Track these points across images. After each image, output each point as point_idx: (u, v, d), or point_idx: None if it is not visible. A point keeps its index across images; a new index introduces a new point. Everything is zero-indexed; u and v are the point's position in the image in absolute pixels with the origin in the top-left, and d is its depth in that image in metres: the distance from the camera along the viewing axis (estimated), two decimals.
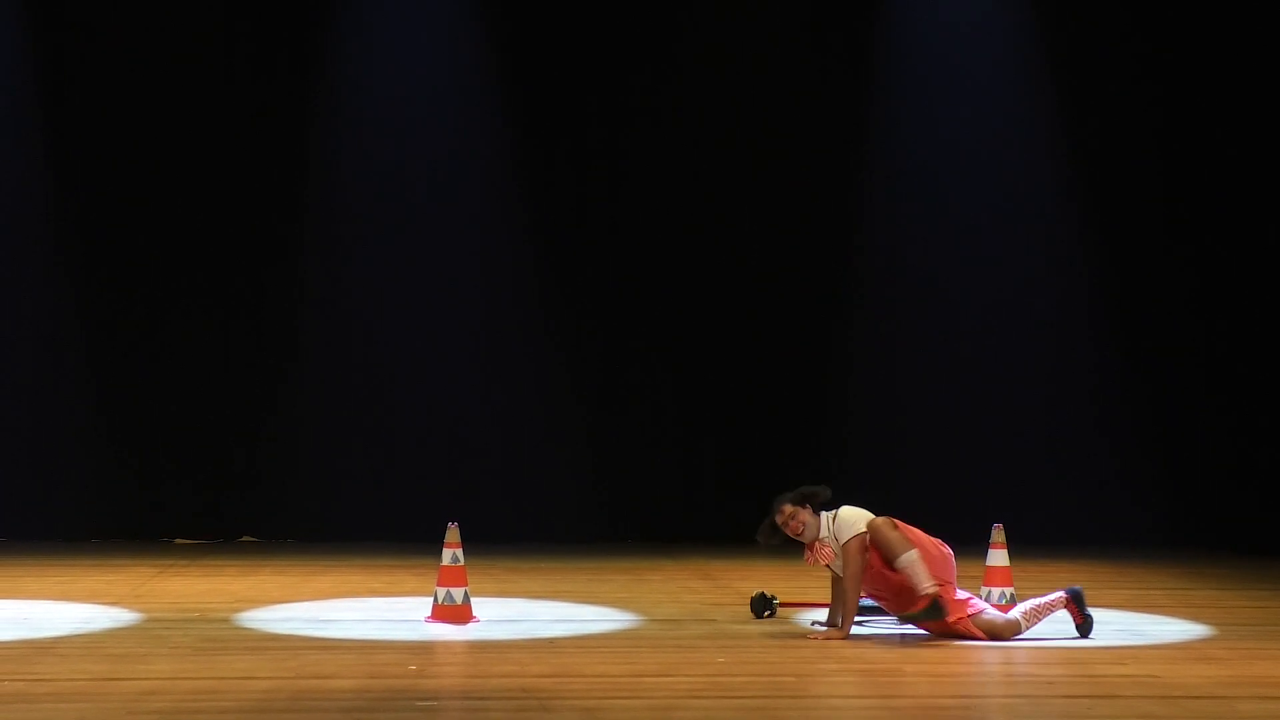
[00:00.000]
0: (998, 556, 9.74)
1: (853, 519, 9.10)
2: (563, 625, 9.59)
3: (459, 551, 9.49)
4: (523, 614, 9.98)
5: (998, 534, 9.79)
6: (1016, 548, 9.87)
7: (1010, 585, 9.71)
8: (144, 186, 14.12)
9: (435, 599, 9.51)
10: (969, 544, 10.37)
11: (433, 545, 9.67)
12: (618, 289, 14.51)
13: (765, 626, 9.52)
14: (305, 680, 7.70)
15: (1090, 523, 14.33)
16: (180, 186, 14.16)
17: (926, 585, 8.86)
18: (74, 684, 7.75)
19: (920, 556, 8.91)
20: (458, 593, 9.49)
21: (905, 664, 8.39)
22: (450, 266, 14.47)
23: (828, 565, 9.16)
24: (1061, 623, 9.11)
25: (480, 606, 9.71)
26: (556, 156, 14.55)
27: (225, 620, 9.55)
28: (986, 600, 9.51)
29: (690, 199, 14.51)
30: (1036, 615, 9.06)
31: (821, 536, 9.14)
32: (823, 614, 9.38)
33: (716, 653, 8.65)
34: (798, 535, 9.15)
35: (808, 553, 9.19)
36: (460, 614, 9.46)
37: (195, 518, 14.10)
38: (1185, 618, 9.98)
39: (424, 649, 8.82)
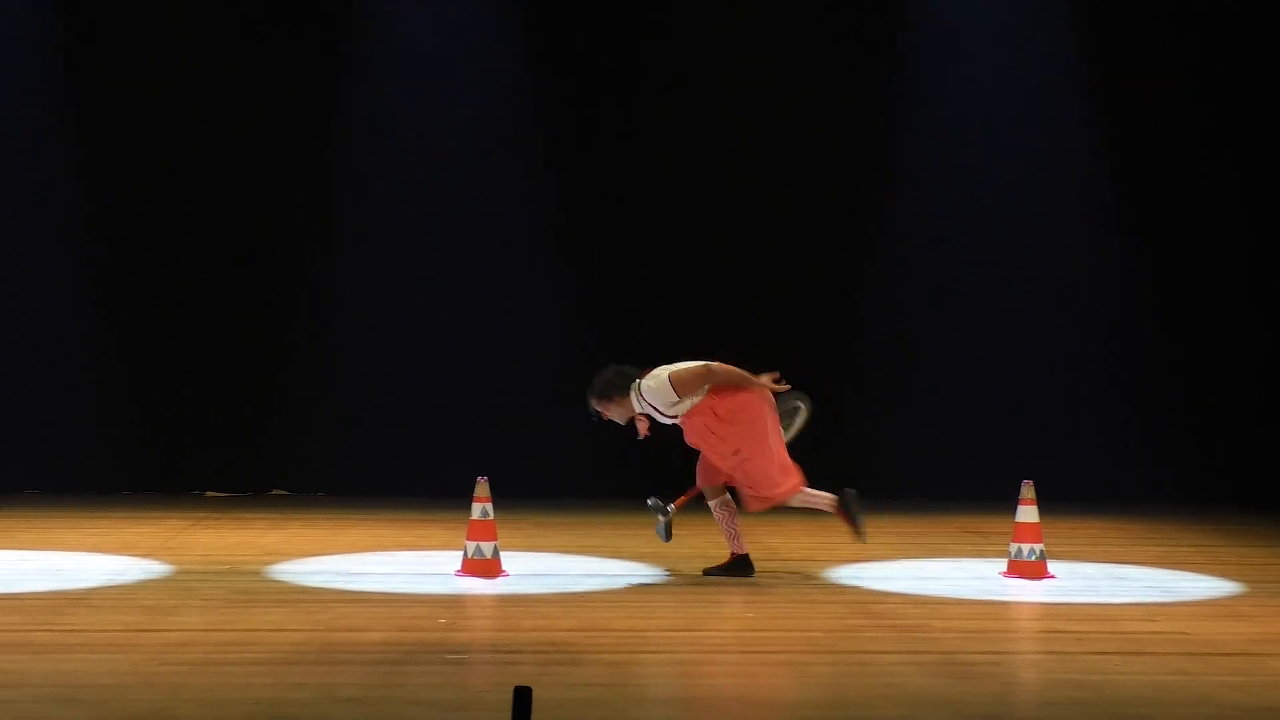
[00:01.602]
0: (1027, 513, 9.73)
1: (658, 386, 9.34)
2: (591, 580, 9.62)
3: (488, 506, 9.52)
4: (551, 568, 10.01)
5: (1027, 490, 9.77)
6: (1046, 505, 9.86)
7: (1040, 541, 9.70)
8: (174, 144, 14.10)
9: (465, 553, 9.55)
10: (1000, 500, 10.36)
11: (462, 499, 9.71)
12: (645, 240, 14.47)
13: (794, 584, 9.54)
14: (335, 633, 7.75)
15: (1119, 480, 14.29)
16: (211, 142, 14.15)
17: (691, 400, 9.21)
18: (106, 635, 7.80)
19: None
20: (487, 547, 9.53)
21: (934, 620, 8.39)
22: (479, 219, 14.44)
23: (647, 436, 9.58)
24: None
25: (509, 561, 9.74)
26: (587, 114, 14.50)
27: (256, 573, 9.61)
28: (1016, 556, 9.57)
29: (723, 159, 14.43)
30: (805, 500, 9.49)
31: (637, 413, 9.47)
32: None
33: (744, 608, 8.67)
34: (618, 422, 9.51)
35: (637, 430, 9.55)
36: (489, 568, 9.49)
37: (226, 471, 14.15)
38: (1215, 575, 9.97)
39: (453, 602, 8.86)
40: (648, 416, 9.60)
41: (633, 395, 9.49)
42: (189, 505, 13.22)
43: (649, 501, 9.75)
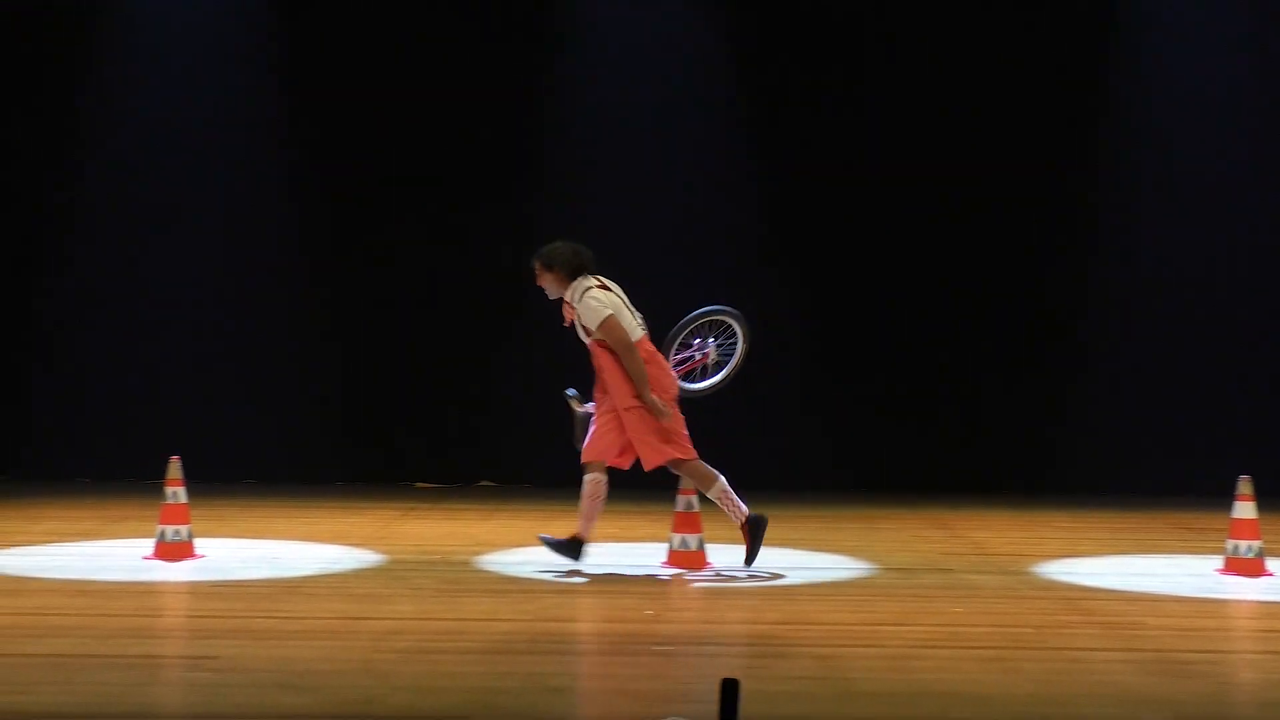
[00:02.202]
0: (1244, 509, 9.48)
1: (593, 311, 9.27)
2: (796, 573, 9.60)
3: (693, 499, 9.55)
4: (756, 561, 9.99)
5: (1245, 486, 9.53)
6: (1265, 500, 9.59)
7: (1258, 538, 9.45)
8: (391, 144, 14.34)
9: (670, 545, 9.59)
10: (1216, 496, 10.11)
11: (667, 492, 9.74)
12: (859, 238, 14.36)
13: (1002, 579, 9.42)
14: (544, 622, 7.83)
15: None
16: (425, 144, 14.35)
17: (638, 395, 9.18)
18: (321, 622, 7.98)
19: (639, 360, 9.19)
20: (692, 539, 9.57)
21: (1148, 617, 8.23)
22: (675, 211, 14.46)
23: (569, 325, 9.47)
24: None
25: (716, 553, 9.76)
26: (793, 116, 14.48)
27: (465, 562, 9.75)
28: (1233, 553, 9.35)
29: (930, 156, 14.28)
30: (727, 501, 9.38)
31: (566, 298, 9.42)
32: None
33: (953, 603, 8.58)
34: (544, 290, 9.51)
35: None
36: (695, 560, 9.52)
37: (435, 462, 14.38)
38: None
39: (659, 594, 8.91)
40: (573, 310, 9.45)
41: (571, 286, 9.42)
42: (399, 495, 13.46)
43: (568, 392, 9.76)
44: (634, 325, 9.40)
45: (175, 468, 9.64)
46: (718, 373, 9.97)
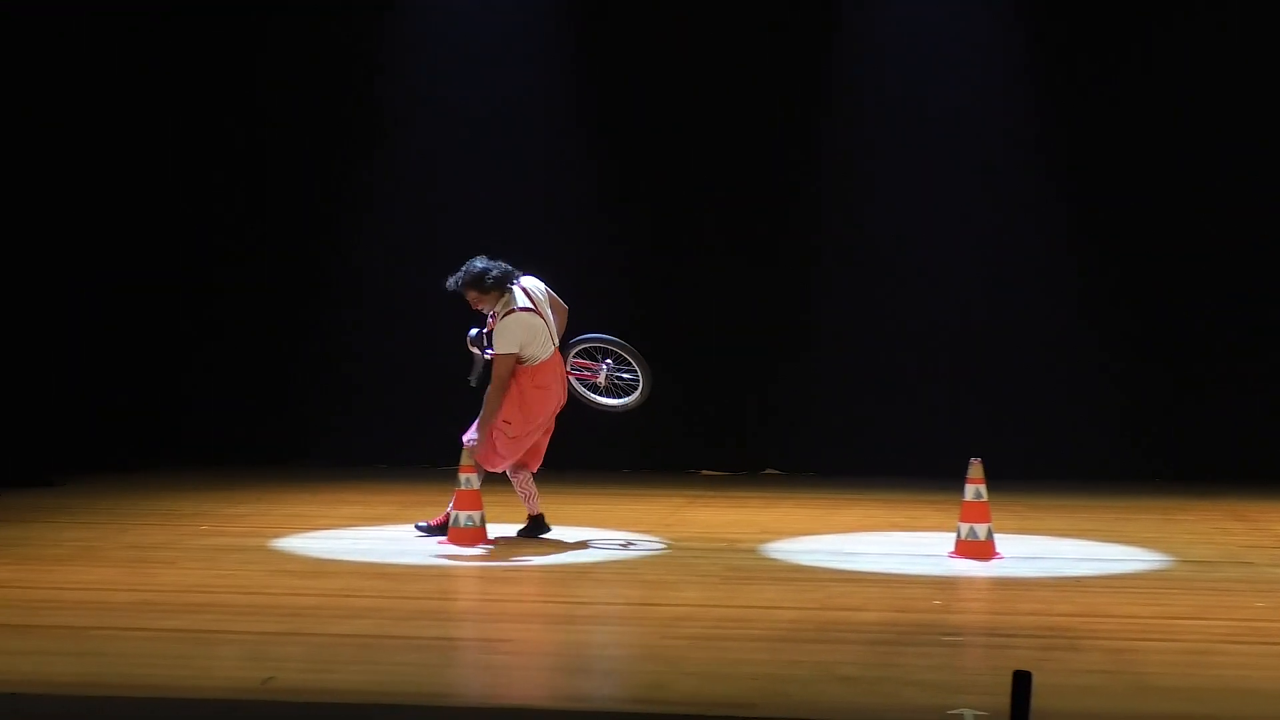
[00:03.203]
0: None
1: (507, 333, 9.78)
2: (1088, 564, 9.41)
3: (982, 487, 9.43)
4: (1046, 551, 9.84)
5: None
6: None
7: None
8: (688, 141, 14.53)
9: (958, 534, 9.49)
10: None
11: (955, 481, 9.65)
12: (1162, 225, 14.04)
13: None
14: (831, 611, 7.82)
15: None
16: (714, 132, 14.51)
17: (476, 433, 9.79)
18: (611, 608, 8.11)
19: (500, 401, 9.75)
20: (980, 528, 9.45)
21: None
22: (975, 206, 14.29)
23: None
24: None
25: (1003, 543, 9.63)
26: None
27: (751, 550, 9.79)
28: None
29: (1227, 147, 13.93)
30: (522, 489, 10.08)
31: (495, 310, 9.86)
32: None
33: (1254, 597, 8.31)
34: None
35: None
36: (983, 550, 9.41)
37: (720, 450, 14.47)
38: None
39: (947, 584, 8.82)
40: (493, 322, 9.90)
41: (501, 300, 9.84)
42: (685, 483, 13.57)
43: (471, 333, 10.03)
44: (545, 344, 9.92)
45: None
46: (610, 397, 10.40)
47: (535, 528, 10.14)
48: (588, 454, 14.35)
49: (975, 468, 9.44)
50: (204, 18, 14.61)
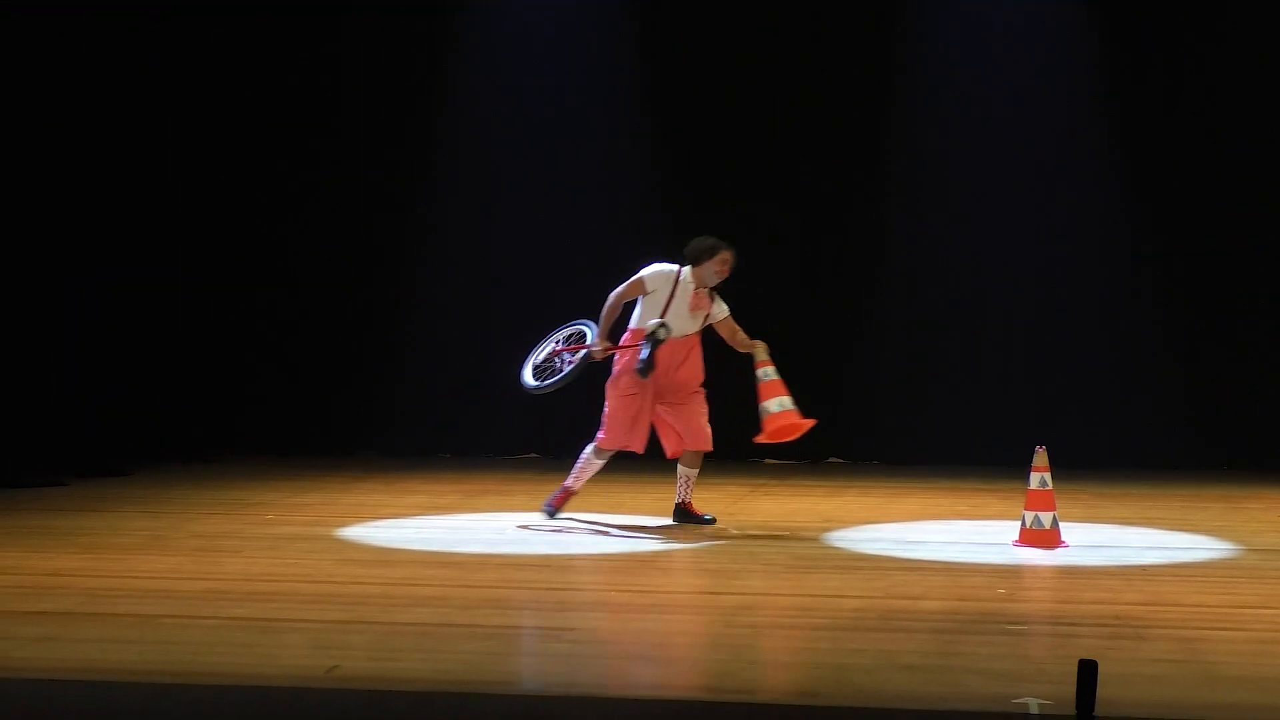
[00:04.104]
0: None
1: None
2: (1155, 553, 9.34)
3: (1047, 475, 9.37)
4: (1112, 540, 9.78)
5: None
6: None
7: None
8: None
9: (1023, 523, 9.43)
10: None
11: (1019, 469, 9.59)
12: (1216, 217, 13.92)
13: None
14: (894, 600, 7.79)
15: None
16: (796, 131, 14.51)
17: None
18: (675, 596, 8.12)
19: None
20: (1045, 517, 9.39)
21: None
22: (1037, 195, 14.23)
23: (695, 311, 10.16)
24: None
25: (1068, 532, 9.57)
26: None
27: (814, 539, 9.77)
28: None
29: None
30: (587, 465, 10.20)
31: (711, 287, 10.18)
32: None
33: None
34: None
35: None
36: (1048, 538, 9.35)
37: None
38: None
39: (1012, 573, 8.77)
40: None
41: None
42: (748, 471, 13.56)
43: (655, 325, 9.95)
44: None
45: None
46: (549, 378, 10.37)
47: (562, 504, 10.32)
48: (652, 444, 14.39)
49: (1040, 456, 9.39)
50: (204, 18, 14.62)
